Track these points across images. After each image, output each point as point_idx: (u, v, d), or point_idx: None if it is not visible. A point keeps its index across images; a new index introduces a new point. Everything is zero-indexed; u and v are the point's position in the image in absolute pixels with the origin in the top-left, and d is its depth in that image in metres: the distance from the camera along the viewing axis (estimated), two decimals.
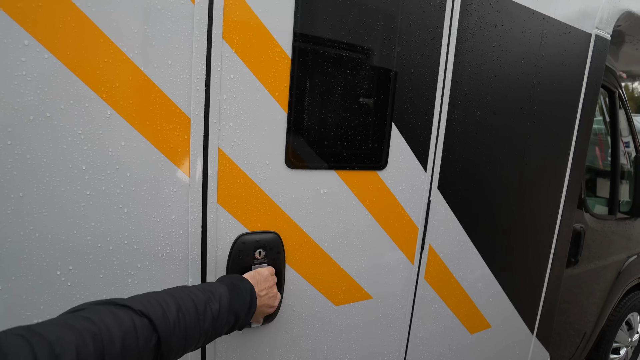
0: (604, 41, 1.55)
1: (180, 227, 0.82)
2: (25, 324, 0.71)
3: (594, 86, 1.58)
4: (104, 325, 0.56)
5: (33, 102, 0.66)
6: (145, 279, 0.79)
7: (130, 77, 0.72)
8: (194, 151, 0.80)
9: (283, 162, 0.92)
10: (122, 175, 0.75)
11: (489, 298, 1.46)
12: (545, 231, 1.61)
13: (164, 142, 0.77)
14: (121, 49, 0.71)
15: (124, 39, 0.71)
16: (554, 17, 1.36)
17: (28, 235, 0.69)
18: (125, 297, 0.78)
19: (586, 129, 1.62)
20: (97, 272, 0.76)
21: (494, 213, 1.39)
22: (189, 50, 0.76)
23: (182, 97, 0.77)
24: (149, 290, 0.80)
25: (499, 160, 1.34)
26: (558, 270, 1.70)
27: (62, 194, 0.71)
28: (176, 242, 0.82)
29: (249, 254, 0.90)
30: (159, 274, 0.81)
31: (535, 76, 1.37)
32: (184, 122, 0.78)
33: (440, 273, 1.26)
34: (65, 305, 0.73)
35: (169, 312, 0.64)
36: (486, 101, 1.24)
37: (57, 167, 0.69)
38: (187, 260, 0.83)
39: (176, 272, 0.83)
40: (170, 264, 0.82)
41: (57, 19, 0.66)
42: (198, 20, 0.76)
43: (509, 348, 1.63)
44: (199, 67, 0.78)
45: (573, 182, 1.63)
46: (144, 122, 0.75)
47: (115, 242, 0.76)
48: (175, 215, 0.81)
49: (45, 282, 0.72)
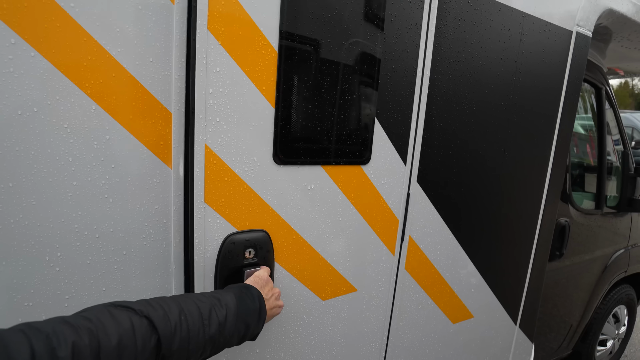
0: (585, 38, 1.59)
1: (163, 217, 0.86)
2: (16, 307, 0.76)
3: (575, 82, 1.62)
4: (100, 323, 0.57)
5: (21, 98, 0.70)
6: (131, 265, 0.84)
7: (114, 74, 0.76)
8: (175, 144, 0.84)
9: (271, 158, 0.93)
10: (107, 167, 0.79)
11: (470, 289, 1.50)
12: (527, 224, 1.65)
13: (147, 135, 0.81)
14: (104, 47, 0.75)
15: (107, 37, 0.75)
16: (533, 14, 1.39)
17: (18, 223, 0.73)
18: (112, 282, 0.83)
19: (568, 124, 1.65)
20: (84, 258, 0.80)
21: (475, 206, 1.43)
22: (169, 48, 0.80)
23: (163, 93, 0.81)
24: (134, 275, 0.85)
25: (479, 154, 1.38)
26: (541, 262, 1.75)
27: (49, 185, 0.75)
28: (159, 230, 0.86)
29: (238, 254, 0.91)
30: (143, 260, 0.85)
31: (516, 72, 1.40)
32: (166, 116, 0.83)
33: (421, 264, 1.30)
34: (54, 288, 0.78)
35: (170, 314, 0.64)
36: (466, 97, 1.28)
37: (44, 159, 0.74)
38: (170, 248, 0.88)
39: (160, 259, 0.87)
40: (154, 251, 0.86)
41: (42, 19, 0.69)
42: (178, 19, 0.80)
43: (492, 338, 1.68)
44: (180, 65, 0.82)
45: (555, 177, 1.67)
46: (127, 117, 0.79)
47: (101, 230, 0.80)
48: (158, 205, 0.85)
49: (34, 267, 0.76)
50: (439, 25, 1.15)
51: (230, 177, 0.89)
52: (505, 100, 1.39)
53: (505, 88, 1.38)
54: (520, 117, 1.46)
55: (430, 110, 1.19)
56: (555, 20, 1.47)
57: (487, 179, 1.43)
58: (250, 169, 0.91)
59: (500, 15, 1.30)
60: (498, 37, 1.31)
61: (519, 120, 1.46)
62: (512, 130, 1.45)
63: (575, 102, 1.66)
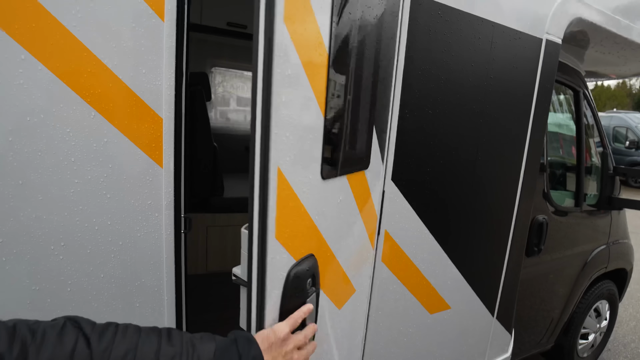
0: (554, 45, 1.69)
1: (155, 211, 0.96)
2: (24, 290, 0.86)
3: (546, 86, 1.72)
4: (40, 339, 0.54)
5: (29, 106, 0.80)
6: (126, 254, 0.94)
7: (111, 85, 0.87)
8: (166, 146, 0.95)
9: (319, 172, 0.83)
10: (105, 166, 0.89)
11: (447, 281, 1.60)
12: (502, 220, 1.75)
13: (140, 138, 0.91)
14: (102, 60, 0.85)
15: (105, 52, 0.85)
16: (503, 24, 1.49)
17: (26, 216, 0.84)
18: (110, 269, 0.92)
19: (540, 125, 1.75)
20: (85, 248, 0.90)
21: (449, 202, 1.53)
22: (160, 61, 0.90)
23: (154, 100, 0.92)
24: (129, 263, 0.95)
25: (452, 155, 1.48)
26: (516, 256, 1.84)
27: (54, 182, 0.85)
28: (152, 223, 0.96)
29: (302, 287, 0.79)
30: (138, 250, 0.95)
31: (487, 78, 1.51)
32: (157, 121, 0.93)
33: (397, 256, 1.40)
34: (58, 274, 0.88)
35: (113, 351, 0.57)
36: (437, 101, 1.38)
37: (50, 159, 0.84)
38: (162, 239, 0.98)
39: (152, 249, 0.97)
40: (147, 242, 0.96)
41: (49, 37, 0.80)
42: (167, 34, 0.90)
43: (469, 328, 1.77)
44: (169, 75, 0.92)
45: (528, 176, 1.77)
46: (123, 122, 0.89)
47: (100, 222, 0.90)
48: (151, 200, 0.95)
49: (41, 255, 0.86)
50: (410, 35, 1.25)
51: (294, 202, 0.78)
52: (476, 103, 1.49)
53: (477, 92, 1.48)
54: (492, 120, 1.56)
55: (403, 113, 1.29)
56: (525, 28, 1.57)
57: (460, 177, 1.53)
58: (306, 188, 0.80)
59: (470, 25, 1.40)
60: (468, 46, 1.41)
61: (491, 122, 1.56)
62: (484, 131, 1.55)
63: (546, 105, 1.76)
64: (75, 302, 0.89)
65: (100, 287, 0.91)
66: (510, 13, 1.51)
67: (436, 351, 1.67)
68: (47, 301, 0.88)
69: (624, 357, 3.17)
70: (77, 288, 0.90)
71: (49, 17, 0.79)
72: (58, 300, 0.88)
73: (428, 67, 1.32)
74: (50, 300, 0.88)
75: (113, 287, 0.92)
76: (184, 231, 1.05)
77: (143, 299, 0.96)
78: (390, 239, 1.37)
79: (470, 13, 1.39)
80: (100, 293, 0.91)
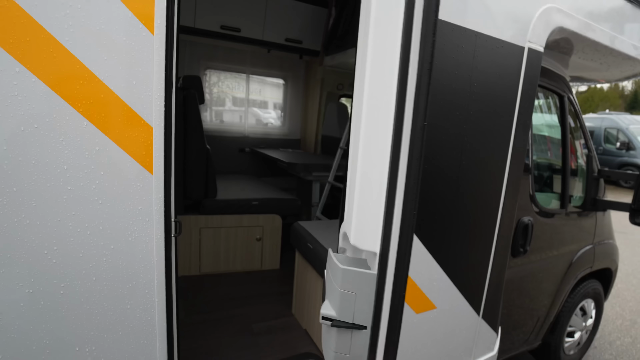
0: (537, 53, 1.74)
1: (146, 216, 1.00)
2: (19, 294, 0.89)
3: (529, 92, 1.77)
4: None
5: (23, 116, 0.84)
6: (118, 258, 0.97)
7: (102, 95, 0.90)
8: (156, 153, 0.98)
9: None
10: (97, 173, 0.93)
11: (432, 282, 1.65)
12: (487, 221, 1.80)
13: (131, 146, 0.95)
14: (94, 72, 0.89)
15: (96, 64, 0.88)
16: (486, 33, 1.55)
17: (20, 221, 0.87)
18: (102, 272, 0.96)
19: (523, 131, 1.81)
20: (77, 252, 0.94)
21: (435, 205, 1.57)
22: (150, 72, 0.94)
23: (145, 110, 0.95)
24: (121, 267, 0.98)
25: (437, 159, 1.53)
26: (501, 257, 1.90)
27: (48, 189, 0.88)
28: (143, 227, 1.00)
29: None
30: (129, 253, 0.99)
31: (470, 85, 1.56)
32: (147, 130, 0.96)
33: None
34: (51, 277, 0.91)
35: None
36: None
37: (43, 167, 0.87)
38: (152, 243, 1.02)
39: (143, 253, 1.01)
40: (138, 246, 1.00)
41: (42, 50, 0.83)
42: (157, 47, 0.94)
43: (455, 328, 1.82)
44: (159, 86, 0.96)
45: (513, 178, 1.83)
46: (114, 131, 0.93)
47: (92, 227, 0.94)
48: (142, 206, 0.99)
49: (34, 259, 0.90)
50: None
51: None
52: (460, 110, 1.54)
53: (460, 99, 1.53)
54: (476, 126, 1.61)
55: None
56: (507, 37, 1.62)
57: (444, 181, 1.58)
58: None
59: (453, 34, 1.45)
60: (451, 54, 1.46)
61: (475, 127, 1.61)
62: (468, 137, 1.60)
63: (530, 110, 1.82)
64: (68, 305, 0.93)
65: (93, 289, 0.95)
66: (493, 23, 1.56)
67: (422, 350, 1.72)
68: (40, 303, 0.91)
69: (609, 354, 3.24)
70: (70, 291, 0.93)
71: (42, 31, 0.82)
72: (51, 302, 0.92)
73: None
74: (44, 303, 0.91)
75: (105, 289, 0.96)
76: (175, 234, 1.09)
77: (134, 300, 1.00)
78: None
79: (453, 23, 1.44)
80: (93, 295, 0.95)
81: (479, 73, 1.57)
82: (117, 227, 0.96)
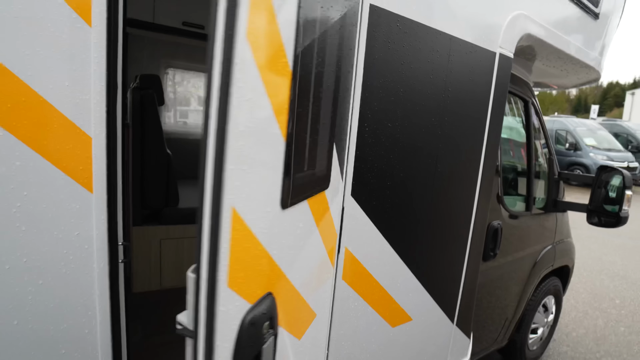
0: (507, 59, 1.74)
1: (84, 243, 0.84)
2: None
3: (500, 98, 1.77)
4: None
5: None
6: (47, 295, 0.81)
7: (24, 98, 0.74)
8: (97, 168, 0.83)
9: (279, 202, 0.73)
10: (19, 194, 0.76)
11: (408, 293, 1.59)
12: (461, 228, 1.78)
13: (64, 160, 0.79)
14: (12, 70, 0.72)
15: (17, 61, 0.72)
16: (460, 37, 1.51)
17: None
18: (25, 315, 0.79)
19: (495, 134, 1.80)
20: None
21: (410, 215, 1.52)
22: (87, 72, 0.79)
23: (81, 117, 0.79)
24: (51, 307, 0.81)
25: (412, 167, 1.47)
26: (474, 263, 1.89)
27: None
28: (81, 257, 0.84)
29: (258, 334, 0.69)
30: (63, 289, 0.82)
31: (445, 90, 1.51)
32: (85, 141, 0.81)
33: (358, 273, 1.36)
34: None
35: None
36: (397, 113, 1.36)
37: None
38: (93, 274, 0.86)
39: (82, 287, 0.84)
40: (75, 279, 0.83)
41: None
42: (96, 42, 0.79)
43: (430, 337, 1.78)
44: (99, 88, 0.80)
45: (485, 184, 1.82)
46: (41, 142, 0.76)
47: (12, 260, 0.77)
48: (79, 231, 0.83)
49: None
50: (369, 46, 1.22)
51: (250, 243, 0.68)
52: (435, 115, 1.50)
53: (435, 104, 1.49)
54: (450, 130, 1.57)
55: (362, 127, 1.25)
56: (480, 42, 1.60)
57: (419, 190, 1.53)
58: (263, 224, 0.70)
59: (428, 37, 1.39)
60: (427, 58, 1.41)
61: (449, 132, 1.57)
62: (442, 142, 1.55)
63: (500, 115, 1.81)
64: None
65: (14, 336, 0.77)
66: (467, 27, 1.53)
67: None
68: None
69: (566, 345, 3.40)
70: None
71: None
72: None
73: (387, 79, 1.30)
74: None
75: (30, 334, 0.79)
76: (123, 260, 0.94)
77: (70, 345, 0.83)
78: (351, 255, 1.32)
79: (428, 26, 1.38)
80: (14, 344, 0.77)
81: (454, 78, 1.53)
82: (47, 259, 0.80)
